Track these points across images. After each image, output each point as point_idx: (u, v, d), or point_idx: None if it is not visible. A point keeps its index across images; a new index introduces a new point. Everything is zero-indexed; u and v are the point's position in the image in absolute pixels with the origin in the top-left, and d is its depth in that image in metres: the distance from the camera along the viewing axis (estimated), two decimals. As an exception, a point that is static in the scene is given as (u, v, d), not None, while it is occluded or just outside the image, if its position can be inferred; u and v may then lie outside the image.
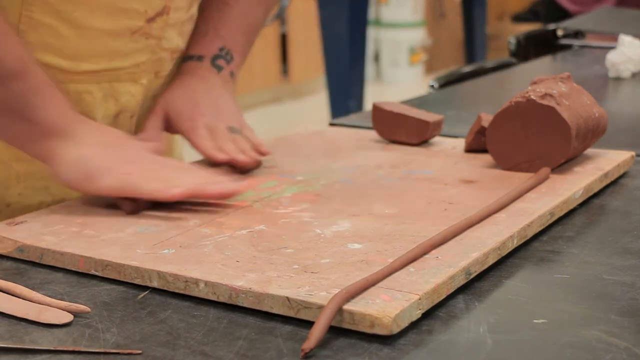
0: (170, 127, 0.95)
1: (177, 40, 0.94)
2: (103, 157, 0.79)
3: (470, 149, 0.97)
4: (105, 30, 0.86)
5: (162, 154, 0.87)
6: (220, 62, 0.98)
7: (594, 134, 0.91)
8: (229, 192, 0.79)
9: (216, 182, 0.80)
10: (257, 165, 0.92)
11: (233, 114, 0.96)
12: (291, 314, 0.58)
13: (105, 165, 0.78)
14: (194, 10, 0.97)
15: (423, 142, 1.01)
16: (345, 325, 0.56)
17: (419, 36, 5.89)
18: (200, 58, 0.98)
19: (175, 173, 0.81)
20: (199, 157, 0.94)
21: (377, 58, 5.93)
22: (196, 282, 0.62)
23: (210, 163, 0.91)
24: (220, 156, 0.90)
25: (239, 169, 0.90)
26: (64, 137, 0.79)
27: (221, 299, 0.61)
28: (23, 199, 0.89)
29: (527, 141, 0.87)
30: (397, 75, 5.84)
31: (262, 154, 0.93)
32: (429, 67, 6.02)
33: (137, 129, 0.96)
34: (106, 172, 0.78)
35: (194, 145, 0.92)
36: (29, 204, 0.89)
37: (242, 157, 0.90)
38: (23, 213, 0.81)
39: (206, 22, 0.99)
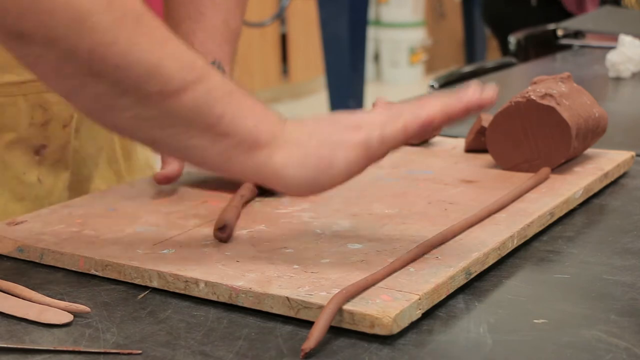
0: None
1: None
2: (328, 136, 0.65)
3: (470, 149, 0.97)
4: None
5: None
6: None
7: (594, 134, 0.91)
8: (483, 100, 0.64)
9: (459, 96, 0.65)
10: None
11: None
12: (291, 314, 0.58)
13: (337, 140, 0.64)
14: None
15: (423, 142, 1.01)
16: (345, 325, 0.56)
17: (419, 36, 5.89)
18: None
19: (406, 107, 0.66)
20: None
21: (377, 58, 5.93)
22: (196, 282, 0.62)
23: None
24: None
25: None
26: (271, 144, 0.64)
27: (221, 299, 0.61)
28: None
29: (527, 141, 0.87)
30: (397, 75, 5.84)
31: None
32: (429, 67, 6.02)
33: (80, 141, 0.92)
34: (343, 147, 0.64)
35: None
36: None
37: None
38: None
39: (188, 38, 0.92)
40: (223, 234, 0.69)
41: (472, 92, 0.64)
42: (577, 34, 2.15)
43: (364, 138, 0.64)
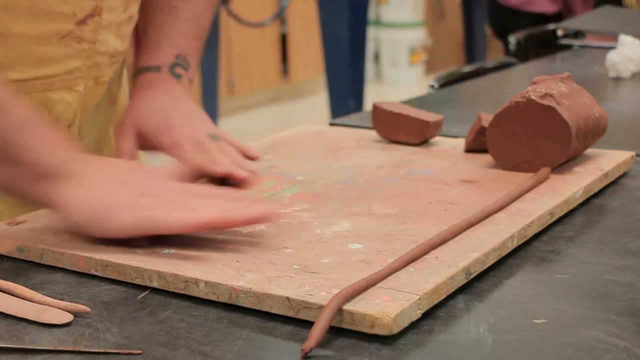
0: (145, 144, 0.90)
1: (114, 42, 0.89)
2: (116, 193, 0.70)
3: (470, 149, 0.97)
4: (29, 36, 0.81)
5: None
6: (178, 70, 0.94)
7: (594, 134, 0.91)
8: (256, 217, 0.69)
9: (241, 208, 0.70)
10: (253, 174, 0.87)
11: (206, 121, 0.92)
12: (291, 314, 0.58)
13: (120, 202, 0.69)
14: (133, 10, 0.91)
15: (423, 142, 1.01)
16: (345, 325, 0.56)
17: (419, 36, 5.89)
18: (157, 68, 0.93)
19: (199, 201, 0.72)
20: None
21: (377, 58, 5.93)
22: (196, 282, 0.62)
23: (197, 176, 0.86)
24: (219, 169, 0.84)
25: (235, 181, 0.85)
26: (64, 178, 0.69)
27: (221, 299, 0.61)
28: None
29: (527, 141, 0.87)
30: (397, 75, 5.84)
31: (252, 158, 0.89)
32: (429, 67, 6.02)
33: (79, 139, 0.92)
34: (121, 210, 0.68)
35: (184, 161, 0.86)
36: None
37: (240, 172, 0.84)
38: None
39: (157, 30, 0.95)
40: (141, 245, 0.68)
41: (253, 210, 0.68)
42: (577, 34, 2.15)
43: (141, 213, 0.68)
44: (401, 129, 1.01)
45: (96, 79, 0.90)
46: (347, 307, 0.56)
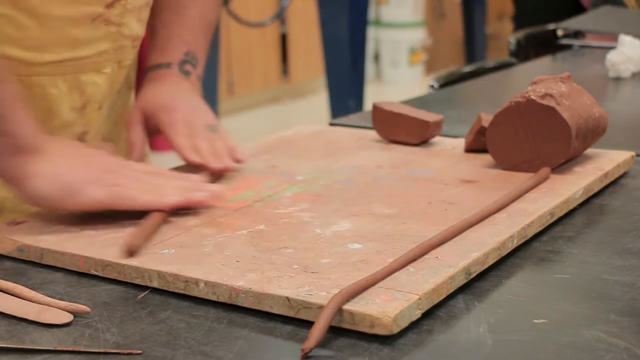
0: (149, 125, 0.93)
1: (136, 27, 0.93)
2: (84, 169, 0.75)
3: (470, 149, 0.97)
4: (65, 18, 0.85)
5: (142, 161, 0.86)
6: (187, 67, 0.97)
7: (594, 134, 0.91)
8: (216, 197, 0.77)
9: (202, 189, 0.78)
10: (229, 171, 0.89)
11: (208, 113, 0.94)
12: (291, 314, 0.58)
13: (88, 178, 0.74)
14: None
15: (423, 142, 1.01)
16: (345, 325, 0.56)
17: (419, 36, 5.89)
18: (168, 65, 0.97)
19: (162, 180, 0.79)
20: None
21: (377, 58, 5.93)
22: (196, 282, 0.62)
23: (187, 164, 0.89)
24: (194, 158, 0.87)
25: (211, 173, 0.87)
26: (34, 153, 0.74)
27: (221, 299, 0.61)
28: None
29: (527, 141, 0.87)
30: (397, 75, 5.84)
31: (237, 161, 0.90)
32: (429, 67, 6.02)
33: (105, 123, 0.95)
34: (90, 185, 0.74)
35: (170, 139, 0.90)
36: None
37: (215, 164, 0.87)
38: None
39: (166, 27, 0.98)
40: (130, 255, 0.68)
41: (206, 192, 0.77)
42: (577, 34, 2.15)
43: (116, 186, 0.75)
44: (401, 129, 1.01)
45: (119, 63, 0.93)
46: (347, 307, 0.56)
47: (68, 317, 0.58)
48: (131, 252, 0.66)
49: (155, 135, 0.94)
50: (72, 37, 0.86)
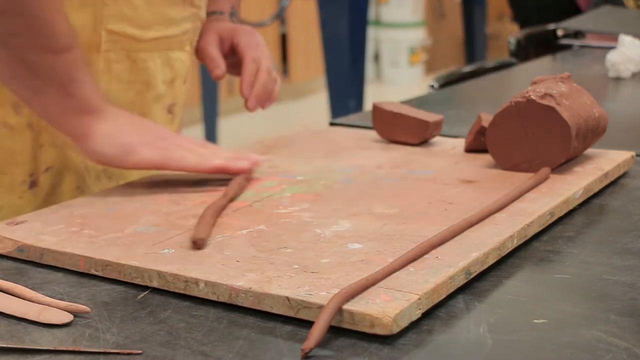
0: (224, 46, 1.02)
1: (204, 12, 1.02)
2: (139, 132, 0.83)
3: (470, 149, 0.97)
4: None
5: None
6: (234, 19, 1.08)
7: (594, 134, 0.91)
8: (248, 167, 0.85)
9: (243, 158, 0.86)
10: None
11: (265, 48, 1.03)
12: (291, 314, 0.58)
13: (143, 140, 0.83)
14: None
15: (423, 142, 1.01)
16: (345, 325, 0.56)
17: (419, 36, 5.89)
18: (221, 13, 1.07)
19: (206, 149, 0.86)
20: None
21: (377, 58, 5.93)
22: (196, 282, 0.62)
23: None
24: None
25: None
26: (98, 115, 0.82)
27: (221, 299, 0.61)
28: None
29: (527, 141, 0.87)
30: (397, 75, 5.84)
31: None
32: (429, 67, 6.02)
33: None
34: (145, 146, 0.82)
35: (244, 58, 0.99)
36: None
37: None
38: None
39: None
40: (197, 247, 0.68)
41: (245, 162, 0.85)
42: (577, 34, 2.15)
43: (167, 149, 0.83)
44: (401, 129, 1.01)
45: (191, 43, 1.02)
46: (347, 306, 0.56)
47: (68, 317, 0.58)
48: (198, 246, 0.68)
49: (225, 55, 1.02)
50: (168, 17, 0.95)
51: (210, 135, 3.72)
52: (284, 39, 5.27)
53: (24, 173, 0.90)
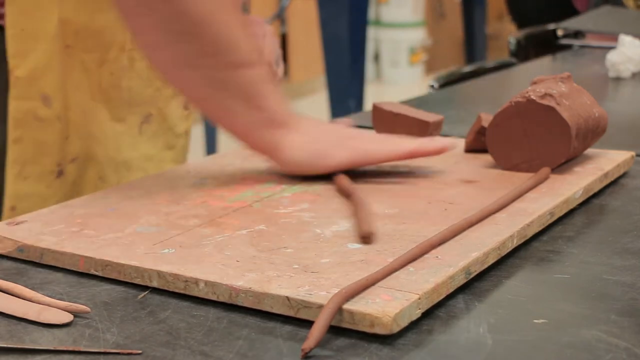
0: None
1: None
2: (328, 137, 0.87)
3: (470, 149, 0.97)
4: None
5: None
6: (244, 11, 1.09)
7: (594, 134, 0.91)
8: (443, 147, 0.87)
9: (430, 142, 0.87)
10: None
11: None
12: (291, 313, 0.58)
13: (333, 144, 0.86)
14: None
15: (423, 142, 1.01)
16: (345, 325, 0.56)
17: (419, 36, 5.89)
18: None
19: (392, 139, 0.89)
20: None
21: (377, 58, 5.93)
22: (196, 282, 0.62)
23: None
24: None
25: None
26: (287, 127, 0.85)
27: (221, 299, 0.61)
28: None
29: (527, 141, 0.87)
30: (397, 75, 5.84)
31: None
32: (429, 67, 6.02)
33: None
34: (335, 148, 0.85)
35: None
36: None
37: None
38: None
39: None
40: (369, 241, 0.69)
41: (438, 143, 0.87)
42: (577, 34, 2.15)
43: (357, 148, 0.86)
44: (401, 129, 1.01)
45: None
46: (347, 306, 0.56)
47: (68, 317, 0.58)
48: (368, 240, 0.69)
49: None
50: None
51: (211, 135, 3.72)
52: (284, 39, 5.27)
53: (52, 163, 0.92)
